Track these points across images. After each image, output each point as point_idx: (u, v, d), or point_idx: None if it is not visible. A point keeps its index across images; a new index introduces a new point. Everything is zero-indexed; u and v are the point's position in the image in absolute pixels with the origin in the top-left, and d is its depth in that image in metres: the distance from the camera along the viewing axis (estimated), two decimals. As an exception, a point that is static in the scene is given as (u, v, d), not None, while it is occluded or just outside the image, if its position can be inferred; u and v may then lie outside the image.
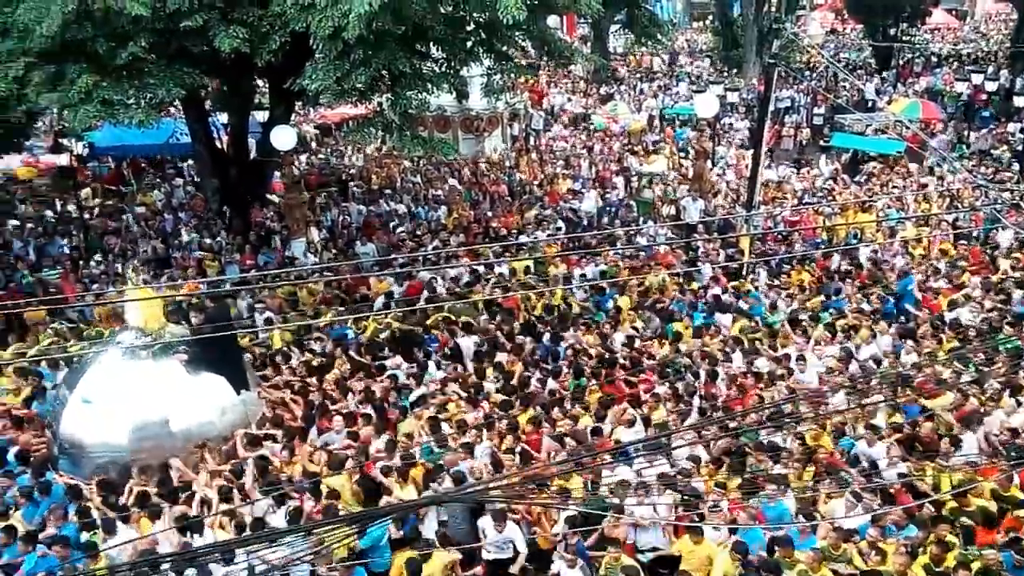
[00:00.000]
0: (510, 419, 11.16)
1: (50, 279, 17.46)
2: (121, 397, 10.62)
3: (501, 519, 9.18)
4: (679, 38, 49.58)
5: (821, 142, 28.50)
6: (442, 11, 15.01)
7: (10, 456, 10.86)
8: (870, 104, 29.99)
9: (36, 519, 9.74)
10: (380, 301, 15.24)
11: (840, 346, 12.90)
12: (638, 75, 42.05)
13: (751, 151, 20.43)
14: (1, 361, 13.34)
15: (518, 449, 10.67)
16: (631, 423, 10.92)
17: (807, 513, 9.21)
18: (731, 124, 31.03)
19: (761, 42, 36.03)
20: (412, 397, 12.06)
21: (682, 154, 26.62)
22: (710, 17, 50.69)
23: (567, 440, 10.64)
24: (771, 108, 18.22)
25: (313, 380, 12.62)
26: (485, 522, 9.41)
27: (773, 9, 38.40)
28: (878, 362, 12.61)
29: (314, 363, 13.20)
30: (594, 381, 12.38)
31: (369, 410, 11.63)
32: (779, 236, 18.71)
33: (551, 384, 12.39)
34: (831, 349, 12.97)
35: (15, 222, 21.04)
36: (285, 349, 13.63)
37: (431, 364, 13.04)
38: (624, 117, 30.81)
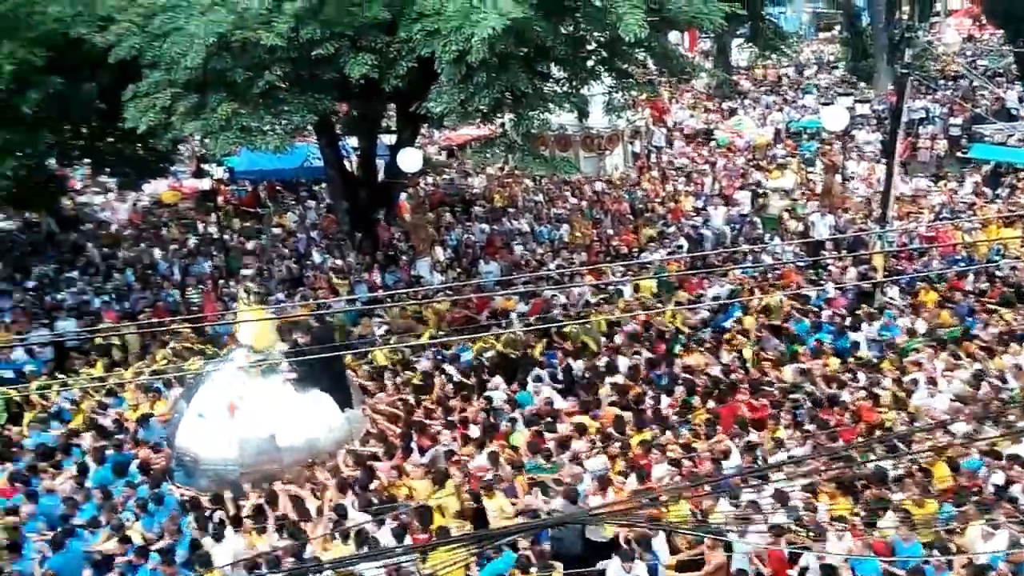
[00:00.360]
0: (624, 440, 11.11)
1: (192, 298, 18.50)
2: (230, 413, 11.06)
3: (630, 558, 9.02)
4: (805, 50, 48.24)
5: (959, 154, 27.18)
6: (563, 31, 15.14)
7: (133, 468, 11.48)
8: (1012, 113, 28.43)
9: (155, 528, 10.27)
10: (514, 319, 15.34)
11: (972, 370, 12.26)
12: (763, 88, 41.16)
13: (883, 164, 19.69)
14: (123, 380, 14.19)
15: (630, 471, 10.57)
16: (726, 454, 10.63)
17: (942, 547, 8.75)
18: (855, 136, 29.93)
19: (892, 51, 34.68)
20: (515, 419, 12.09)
21: (810, 168, 25.90)
22: (838, 27, 49.15)
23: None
24: (904, 119, 17.52)
25: (410, 399, 12.85)
26: (614, 566, 9.16)
27: (905, 17, 36.97)
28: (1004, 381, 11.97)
29: (415, 382, 13.42)
30: (703, 401, 12.21)
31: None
32: (914, 253, 17.94)
33: (665, 401, 12.28)
34: (963, 373, 12.34)
35: (154, 250, 22.37)
36: (390, 367, 13.88)
37: (530, 387, 13.04)
38: (749, 132, 30.21)
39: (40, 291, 19.82)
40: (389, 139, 19.62)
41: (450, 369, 13.68)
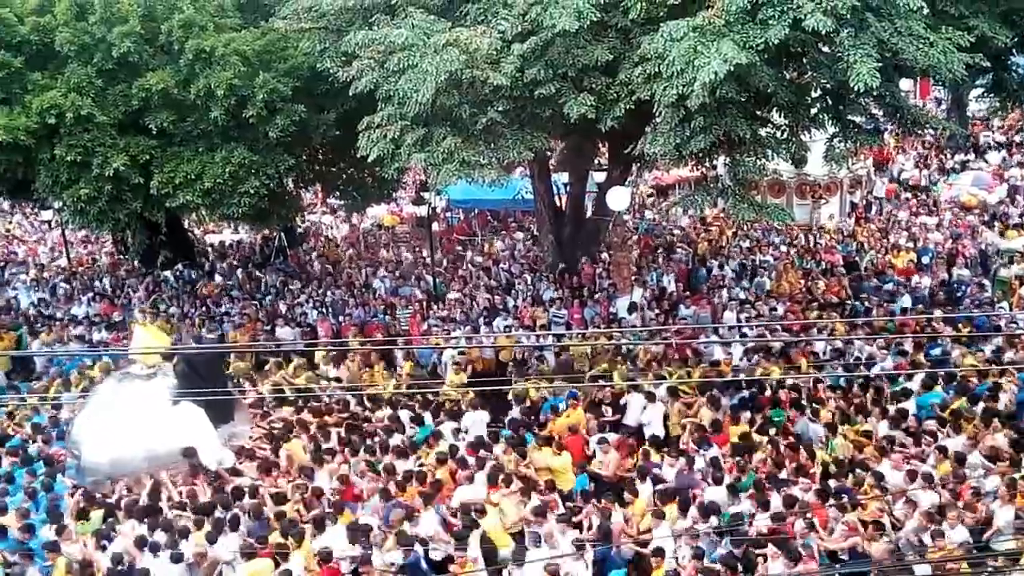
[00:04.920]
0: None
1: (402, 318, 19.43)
2: (111, 421, 12.79)
3: None
4: (1053, 101, 44.33)
5: None
6: (787, 77, 14.79)
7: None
8: None
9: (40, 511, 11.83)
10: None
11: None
12: (1001, 142, 38.18)
13: None
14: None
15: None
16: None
17: None
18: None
19: None
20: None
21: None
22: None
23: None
24: None
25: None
26: None
27: None
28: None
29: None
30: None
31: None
32: None
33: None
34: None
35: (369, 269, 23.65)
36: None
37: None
38: (961, 188, 28.22)
39: (261, 300, 21.53)
40: (599, 176, 19.83)
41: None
